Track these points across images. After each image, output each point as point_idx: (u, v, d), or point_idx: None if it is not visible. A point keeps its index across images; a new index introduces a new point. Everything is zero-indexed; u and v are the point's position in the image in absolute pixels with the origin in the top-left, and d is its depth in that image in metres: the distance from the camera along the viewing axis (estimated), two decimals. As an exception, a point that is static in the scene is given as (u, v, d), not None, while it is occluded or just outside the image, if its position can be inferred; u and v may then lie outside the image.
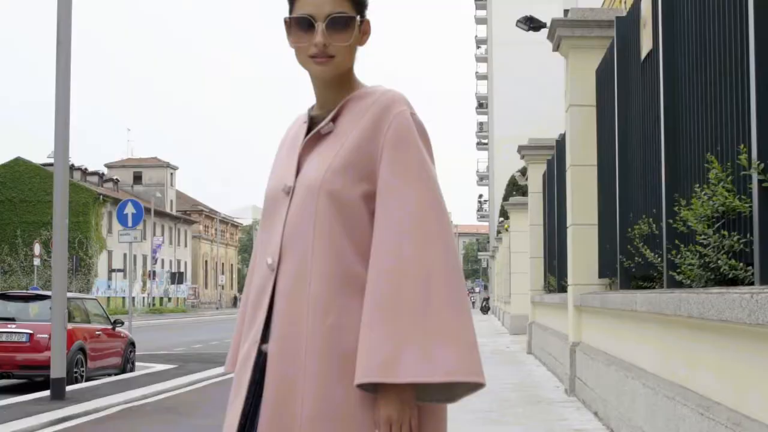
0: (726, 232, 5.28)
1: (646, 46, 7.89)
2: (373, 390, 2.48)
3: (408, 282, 2.47)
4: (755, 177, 4.68)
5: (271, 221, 2.68)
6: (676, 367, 6.24)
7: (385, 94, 2.67)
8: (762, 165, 4.59)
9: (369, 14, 2.75)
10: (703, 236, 5.53)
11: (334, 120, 2.68)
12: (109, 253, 79.80)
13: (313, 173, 2.62)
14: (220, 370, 14.40)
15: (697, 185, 5.84)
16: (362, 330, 2.49)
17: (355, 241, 2.57)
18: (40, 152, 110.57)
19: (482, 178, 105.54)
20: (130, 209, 24.24)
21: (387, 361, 2.43)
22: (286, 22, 2.70)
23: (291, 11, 2.69)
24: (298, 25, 2.66)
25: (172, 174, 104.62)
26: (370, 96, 2.68)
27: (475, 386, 2.52)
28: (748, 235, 4.98)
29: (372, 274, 2.51)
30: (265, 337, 2.63)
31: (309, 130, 2.74)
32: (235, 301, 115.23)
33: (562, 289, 14.34)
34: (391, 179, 2.56)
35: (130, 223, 24.23)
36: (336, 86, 2.70)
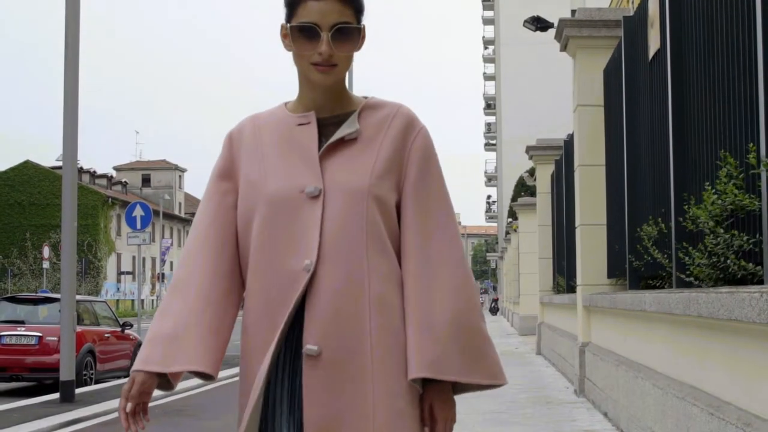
0: (735, 232, 5.26)
1: (653, 45, 7.87)
2: (421, 386, 2.63)
3: (460, 293, 2.66)
4: (764, 175, 4.67)
5: (289, 223, 2.63)
6: (686, 366, 6.22)
7: (401, 107, 2.78)
8: (772, 163, 4.57)
9: (376, 17, 2.76)
10: (712, 235, 5.51)
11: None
12: (118, 255, 79.94)
13: (355, 177, 2.64)
14: (229, 372, 14.39)
15: (707, 183, 5.82)
16: (425, 331, 2.60)
17: (395, 246, 2.69)
18: (49, 155, 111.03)
19: (490, 179, 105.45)
20: (138, 212, 24.27)
21: (470, 363, 2.62)
22: (284, 27, 2.72)
23: (292, 17, 2.69)
24: (302, 33, 2.66)
25: (180, 176, 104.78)
26: (384, 107, 2.77)
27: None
28: (758, 235, 4.97)
29: (431, 292, 2.64)
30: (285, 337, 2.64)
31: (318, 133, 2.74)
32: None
33: (571, 289, 14.31)
34: (425, 197, 2.71)
35: (138, 226, 24.27)
36: (336, 92, 2.73)
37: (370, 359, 2.53)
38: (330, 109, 2.73)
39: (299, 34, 2.66)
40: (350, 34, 2.67)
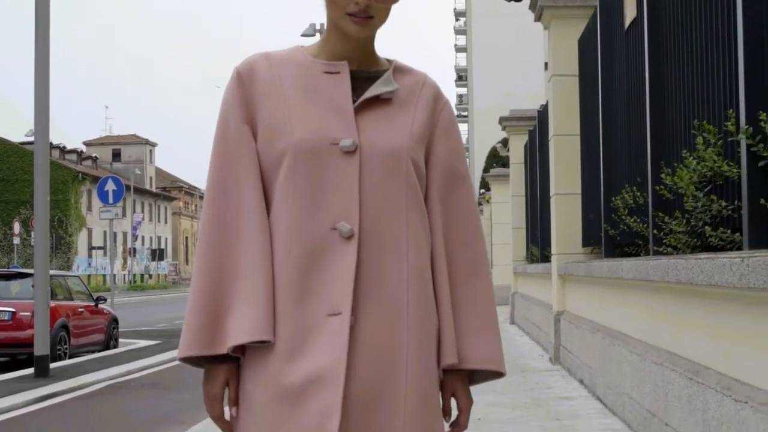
0: (714, 197, 5.29)
1: (629, 14, 7.87)
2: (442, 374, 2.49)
3: (482, 274, 2.54)
4: (743, 142, 4.68)
5: (320, 178, 2.38)
6: (664, 333, 6.26)
7: (428, 76, 2.61)
8: (750, 129, 4.59)
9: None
10: (692, 199, 5.54)
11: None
12: (89, 231, 79.54)
13: (394, 137, 2.44)
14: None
15: (685, 151, 5.84)
16: (458, 317, 2.48)
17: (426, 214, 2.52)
18: (17, 131, 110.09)
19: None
20: (110, 186, 24.15)
21: (496, 349, 2.52)
22: None
23: None
24: None
25: (151, 151, 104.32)
26: (411, 72, 2.59)
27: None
28: (736, 201, 4.99)
29: (453, 267, 2.51)
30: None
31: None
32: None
33: (545, 259, 14.38)
34: (457, 168, 2.57)
35: (111, 200, 24.16)
36: (368, 46, 2.52)
37: (406, 334, 2.36)
38: (359, 62, 2.50)
39: None
40: None
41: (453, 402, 2.52)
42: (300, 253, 2.35)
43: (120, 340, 19.81)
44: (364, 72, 2.49)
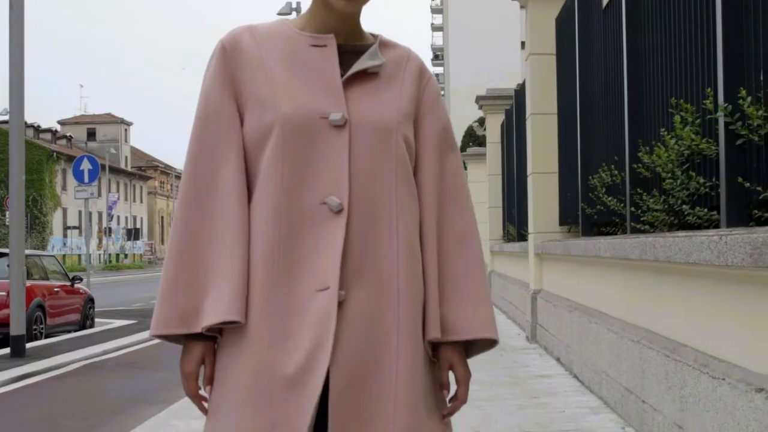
0: (693, 173, 5.31)
1: (607, -8, 7.87)
2: (432, 347, 2.44)
3: (474, 245, 2.51)
4: (722, 120, 4.70)
5: (309, 152, 2.34)
6: (641, 311, 6.29)
7: (411, 51, 2.58)
8: (729, 107, 4.60)
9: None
10: (670, 176, 5.56)
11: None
12: (64, 210, 79.14)
13: (383, 112, 2.41)
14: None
15: (663, 130, 5.86)
16: (450, 288, 2.45)
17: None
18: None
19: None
20: (86, 165, 24.03)
21: (490, 318, 2.46)
22: None
23: None
24: None
25: (126, 130, 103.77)
26: (396, 46, 2.56)
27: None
28: (714, 179, 5.01)
29: (443, 238, 2.48)
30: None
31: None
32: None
33: (522, 237, 14.41)
34: (446, 140, 2.55)
35: (86, 179, 24.03)
36: (355, 20, 2.48)
37: (397, 310, 2.33)
38: (345, 36, 2.46)
39: None
40: None
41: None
42: (289, 227, 2.31)
43: (96, 319, 19.79)
44: (350, 46, 2.46)
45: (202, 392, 2.40)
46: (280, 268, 2.30)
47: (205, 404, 2.40)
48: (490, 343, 2.50)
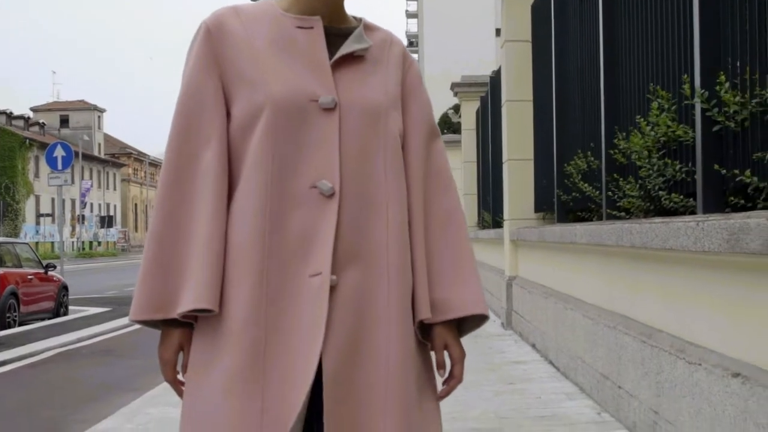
0: (669, 160, 5.32)
1: (583, -22, 7.88)
2: (422, 327, 2.44)
3: (461, 226, 2.50)
4: (698, 106, 4.71)
5: (299, 135, 2.30)
6: (618, 297, 6.31)
7: (393, 34, 2.57)
8: (706, 93, 4.62)
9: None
10: (647, 161, 5.58)
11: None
12: (37, 197, 78.71)
13: (372, 95, 2.39)
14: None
15: (639, 116, 5.87)
16: (441, 265, 2.44)
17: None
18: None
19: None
20: (59, 152, 23.90)
21: (479, 295, 2.45)
22: None
23: None
24: None
25: (99, 117, 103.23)
26: (379, 30, 2.54)
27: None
28: (690, 165, 5.03)
29: (430, 221, 2.48)
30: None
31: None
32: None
33: (497, 224, 14.44)
34: (430, 123, 2.54)
35: (60, 166, 23.91)
36: (339, 3, 2.45)
37: (387, 294, 2.32)
38: (329, 19, 2.43)
39: None
40: None
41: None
42: (279, 210, 2.27)
43: (70, 307, 19.69)
44: (335, 28, 2.43)
45: (180, 377, 2.38)
46: (271, 252, 2.26)
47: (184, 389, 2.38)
48: (480, 320, 2.49)
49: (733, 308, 4.12)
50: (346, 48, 2.39)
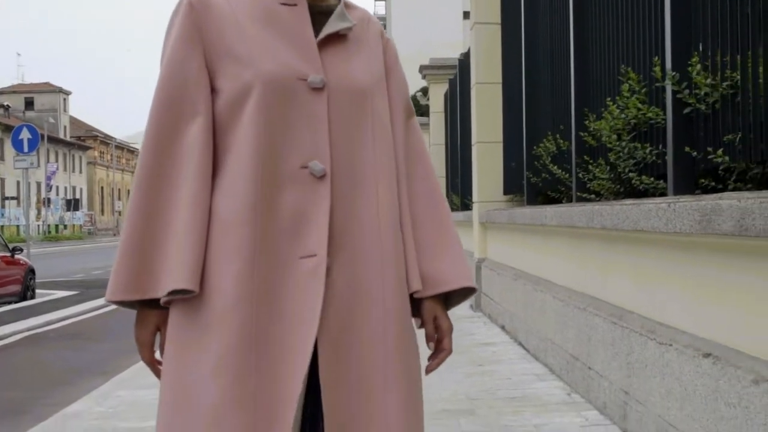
0: (639, 143, 5.35)
1: (553, -39, 7.88)
2: (410, 301, 2.43)
3: (443, 202, 2.52)
4: (669, 88, 4.73)
5: (289, 115, 2.26)
6: (588, 278, 6.33)
7: (368, 12, 2.54)
8: (677, 76, 4.64)
9: None
10: (617, 144, 5.60)
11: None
12: (2, 180, 78.09)
13: (358, 74, 2.37)
14: (123, 295, 14.27)
15: (609, 99, 5.89)
16: (428, 241, 2.45)
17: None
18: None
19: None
20: (25, 134, 23.71)
21: (466, 268, 2.46)
22: None
23: None
24: None
25: (65, 99, 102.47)
26: (356, 8, 2.51)
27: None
28: (661, 147, 5.05)
29: (414, 197, 2.49)
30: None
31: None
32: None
33: (466, 207, 14.46)
34: (408, 102, 2.55)
35: (26, 149, 23.72)
36: None
37: (381, 276, 2.30)
38: None
39: None
40: None
41: None
42: (269, 190, 2.22)
43: (37, 290, 19.57)
44: (317, 6, 2.39)
45: (158, 357, 2.34)
46: (262, 231, 2.21)
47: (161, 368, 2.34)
48: (468, 292, 2.50)
49: (704, 289, 4.15)
50: (331, 27, 2.36)
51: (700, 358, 3.96)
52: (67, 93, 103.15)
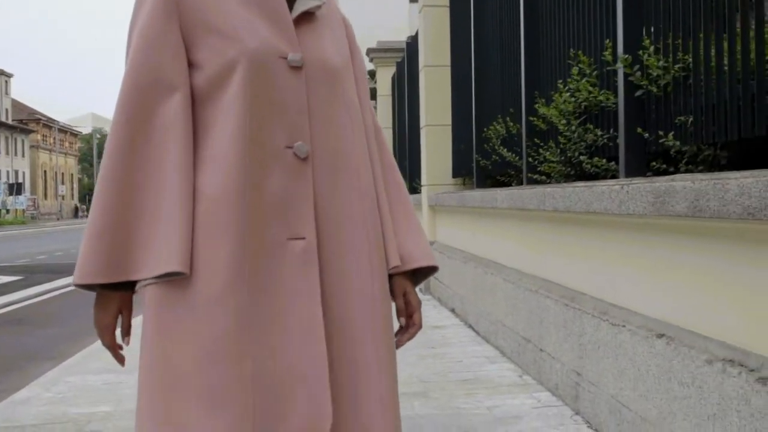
0: (591, 126, 5.37)
1: (503, -56, 7.88)
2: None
3: (402, 182, 2.57)
4: (621, 71, 4.75)
5: (271, 93, 2.21)
6: (539, 261, 6.36)
7: None
8: (630, 58, 4.66)
9: None
10: (567, 128, 5.62)
11: None
12: (-58, 164, 76.98)
13: (331, 54, 2.34)
14: (68, 280, 14.11)
15: (560, 82, 5.91)
16: (397, 220, 2.49)
17: None
18: None
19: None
20: (-34, 117, 23.38)
21: (429, 248, 2.52)
22: None
23: None
24: None
25: (6, 82, 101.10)
26: None
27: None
28: (612, 131, 5.08)
29: (387, 181, 2.53)
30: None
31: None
32: (76, 212, 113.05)
33: (414, 190, 14.47)
34: (365, 87, 2.55)
35: (-34, 132, 23.39)
36: None
37: (368, 258, 2.30)
38: None
39: None
40: None
41: None
42: (254, 169, 2.16)
43: (-20, 276, 19.33)
44: None
45: (120, 342, 2.30)
46: (250, 210, 2.15)
47: (123, 353, 2.29)
48: (429, 271, 2.55)
49: (657, 270, 4.18)
50: (304, 4, 2.33)
51: (653, 338, 3.99)
52: (9, 75, 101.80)
